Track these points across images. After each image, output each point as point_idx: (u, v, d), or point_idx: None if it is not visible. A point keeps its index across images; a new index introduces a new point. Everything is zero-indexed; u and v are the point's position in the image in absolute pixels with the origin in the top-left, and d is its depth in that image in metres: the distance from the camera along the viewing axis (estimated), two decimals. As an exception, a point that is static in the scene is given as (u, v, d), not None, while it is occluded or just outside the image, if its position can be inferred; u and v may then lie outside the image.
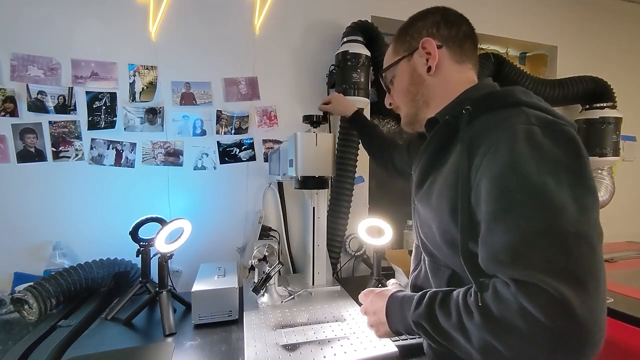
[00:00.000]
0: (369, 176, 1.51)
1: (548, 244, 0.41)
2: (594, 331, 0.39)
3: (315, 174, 0.85)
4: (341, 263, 1.41)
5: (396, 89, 0.70)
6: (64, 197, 1.17)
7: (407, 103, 0.68)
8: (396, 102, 0.72)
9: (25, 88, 1.12)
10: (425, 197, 0.60)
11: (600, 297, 0.40)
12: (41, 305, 0.90)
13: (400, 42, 0.68)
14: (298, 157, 0.83)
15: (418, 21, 0.66)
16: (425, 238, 0.64)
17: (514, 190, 0.44)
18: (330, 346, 0.76)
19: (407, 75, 0.66)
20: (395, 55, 0.68)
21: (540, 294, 0.39)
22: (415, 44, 0.64)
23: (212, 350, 0.80)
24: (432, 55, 0.62)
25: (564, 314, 0.38)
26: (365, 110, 1.32)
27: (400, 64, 0.67)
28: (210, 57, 1.30)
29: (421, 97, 0.65)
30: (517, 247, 0.42)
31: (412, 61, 0.65)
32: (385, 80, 0.72)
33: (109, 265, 1.11)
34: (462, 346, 0.47)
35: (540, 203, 0.42)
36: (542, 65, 1.85)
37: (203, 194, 1.30)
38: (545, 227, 0.41)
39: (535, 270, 0.40)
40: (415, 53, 0.64)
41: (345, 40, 1.29)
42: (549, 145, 0.45)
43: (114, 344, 0.83)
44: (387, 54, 0.72)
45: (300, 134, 0.83)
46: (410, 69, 0.65)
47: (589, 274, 0.40)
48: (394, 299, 0.61)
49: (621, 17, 1.93)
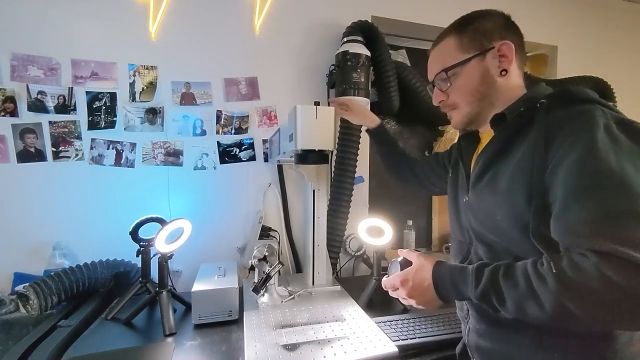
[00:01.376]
0: (369, 176, 1.51)
1: (627, 220, 0.44)
2: None
3: (315, 147, 0.83)
4: (341, 263, 1.41)
5: (460, 88, 0.67)
6: (64, 197, 1.17)
7: (472, 103, 0.67)
8: (456, 100, 0.68)
9: (25, 88, 1.12)
10: (488, 186, 0.62)
11: None
12: (42, 302, 0.90)
13: (468, 39, 0.65)
14: (298, 130, 0.81)
15: (486, 21, 0.65)
16: (483, 227, 0.64)
17: (594, 172, 0.47)
18: (330, 346, 0.76)
19: (477, 75, 0.64)
20: (463, 52, 0.65)
21: (621, 263, 0.43)
22: (488, 45, 0.63)
23: (212, 350, 0.80)
24: (509, 58, 0.63)
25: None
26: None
27: (470, 63, 0.65)
28: (210, 57, 1.30)
29: (489, 98, 0.65)
30: (597, 221, 0.45)
31: (484, 61, 0.64)
32: (441, 77, 0.68)
33: (111, 266, 1.11)
34: (531, 313, 0.49)
35: (619, 185, 0.45)
36: (542, 65, 1.85)
37: (203, 194, 1.30)
38: (625, 206, 0.44)
39: (616, 243, 0.43)
40: (488, 53, 0.63)
41: (345, 40, 1.29)
42: (625, 139, 0.49)
43: (114, 344, 0.83)
44: (445, 49, 0.68)
45: (300, 106, 0.82)
46: (482, 69, 0.64)
47: None
48: (441, 275, 0.61)
49: (621, 17, 1.93)
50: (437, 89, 0.71)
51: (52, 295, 0.93)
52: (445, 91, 0.69)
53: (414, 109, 1.48)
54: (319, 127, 0.83)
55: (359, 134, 1.31)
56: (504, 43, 0.63)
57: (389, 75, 1.32)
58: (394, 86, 1.35)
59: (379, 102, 1.42)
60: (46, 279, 0.95)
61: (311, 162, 0.86)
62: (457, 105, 0.69)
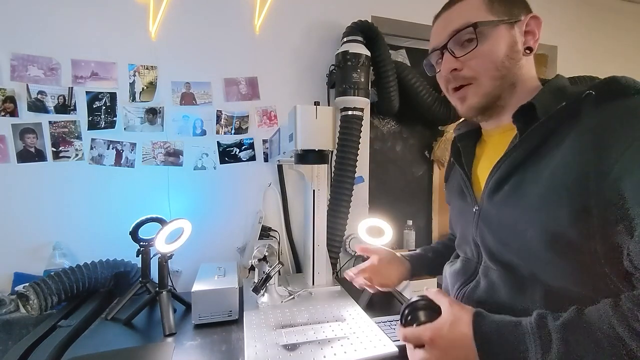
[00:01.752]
0: (369, 176, 1.51)
1: None
2: None
3: (315, 147, 0.83)
4: (341, 263, 1.41)
5: (485, 55, 0.54)
6: (64, 197, 1.17)
7: (495, 79, 0.55)
8: (475, 72, 0.55)
9: (25, 88, 1.12)
10: (512, 197, 0.52)
11: None
12: (41, 302, 0.90)
13: (499, 2, 0.55)
14: (298, 130, 0.81)
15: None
16: (503, 246, 0.54)
17: None
18: (330, 346, 0.76)
19: (506, 44, 0.53)
20: (492, 14, 0.54)
21: None
22: (518, 15, 0.54)
23: (212, 350, 0.80)
24: (536, 37, 0.55)
25: None
26: (365, 110, 1.33)
27: (499, 27, 0.53)
28: (210, 57, 1.30)
29: (512, 78, 0.55)
30: None
31: (512, 31, 0.54)
32: (463, 36, 0.55)
33: (111, 265, 1.11)
34: None
35: None
36: (542, 65, 1.85)
37: (203, 194, 1.30)
38: None
39: None
40: (516, 24, 0.54)
41: (345, 40, 1.29)
42: None
43: (114, 344, 0.83)
44: (469, 6, 0.56)
45: (300, 106, 0.82)
46: (511, 39, 0.54)
47: None
48: (487, 335, 0.45)
49: (621, 17, 1.93)
50: (448, 55, 0.57)
51: (52, 295, 0.93)
52: (459, 58, 0.56)
53: (414, 109, 1.48)
54: (319, 127, 0.83)
55: (359, 134, 1.31)
56: (534, 16, 0.54)
57: (389, 75, 1.33)
58: (393, 86, 1.35)
59: (379, 102, 1.42)
60: (46, 279, 0.95)
61: (311, 162, 0.86)
62: (477, 79, 0.56)
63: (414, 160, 1.70)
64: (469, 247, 0.63)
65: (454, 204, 0.72)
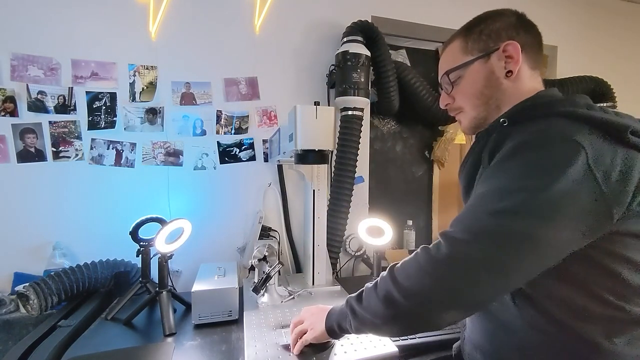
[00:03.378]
0: (369, 176, 1.51)
1: (475, 213, 0.52)
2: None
3: (315, 147, 0.83)
4: (341, 263, 1.41)
5: (464, 91, 0.65)
6: (64, 197, 1.17)
7: (478, 106, 0.64)
8: (461, 104, 0.67)
9: (25, 88, 1.12)
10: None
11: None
12: (42, 302, 0.90)
13: (472, 41, 0.63)
14: (298, 130, 0.81)
15: (494, 22, 0.63)
16: None
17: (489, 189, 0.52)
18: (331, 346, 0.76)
19: (481, 77, 0.63)
20: (466, 54, 0.64)
21: (448, 239, 0.53)
22: (494, 45, 0.61)
23: (212, 350, 0.80)
24: (515, 59, 0.60)
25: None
26: (365, 110, 1.33)
27: (473, 65, 0.63)
28: (210, 57, 1.30)
29: (495, 101, 0.63)
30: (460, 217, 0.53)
31: (489, 63, 0.62)
32: (445, 79, 0.67)
33: (111, 265, 1.11)
34: (372, 307, 0.56)
35: (491, 193, 0.52)
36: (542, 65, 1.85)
37: (203, 194, 1.30)
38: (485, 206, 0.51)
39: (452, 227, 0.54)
40: (493, 55, 0.61)
41: (345, 40, 1.29)
42: (542, 152, 0.48)
43: (114, 344, 0.83)
44: (451, 51, 0.67)
45: (300, 106, 0.82)
46: (486, 71, 0.62)
47: None
48: (329, 319, 0.70)
49: (621, 17, 1.93)
50: (443, 92, 0.70)
51: (52, 295, 0.93)
52: (450, 94, 0.68)
53: (413, 109, 1.48)
54: (319, 127, 0.83)
55: (359, 134, 1.31)
56: (508, 43, 0.60)
57: (389, 75, 1.33)
58: (393, 86, 1.35)
59: (379, 102, 1.42)
60: (46, 279, 0.95)
61: (311, 162, 0.86)
62: (463, 109, 0.67)
63: (414, 160, 1.70)
64: None
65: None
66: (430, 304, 0.49)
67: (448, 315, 0.49)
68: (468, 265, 0.46)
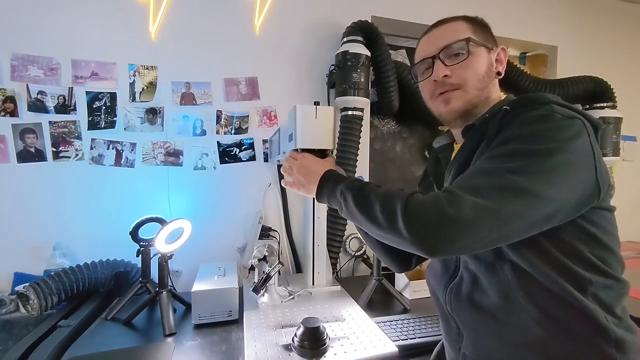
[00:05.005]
0: (369, 176, 1.51)
1: (480, 176, 0.52)
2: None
3: (315, 147, 0.83)
4: (341, 263, 1.41)
5: (472, 67, 0.63)
6: (64, 197, 1.17)
7: (477, 89, 0.64)
8: (461, 80, 0.63)
9: (25, 88, 1.12)
10: None
11: None
12: (42, 302, 0.90)
13: (480, 30, 0.65)
14: (298, 130, 0.81)
15: (488, 28, 0.68)
16: None
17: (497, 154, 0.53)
18: (330, 346, 0.76)
19: (486, 63, 0.64)
20: (476, 36, 0.64)
21: (453, 197, 0.51)
22: (492, 45, 0.66)
23: (212, 350, 0.81)
24: (503, 65, 0.66)
25: None
26: (365, 110, 1.33)
27: (481, 48, 0.64)
28: (210, 57, 1.30)
29: (487, 92, 0.65)
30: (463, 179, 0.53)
31: (490, 55, 0.65)
32: (449, 51, 0.63)
33: (111, 265, 1.11)
34: (371, 212, 0.55)
35: (501, 159, 0.52)
36: (542, 65, 1.85)
37: (203, 194, 1.30)
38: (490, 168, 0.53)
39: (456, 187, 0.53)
40: (492, 51, 0.65)
41: (345, 40, 1.29)
42: (547, 129, 0.51)
43: (114, 344, 0.83)
44: (458, 27, 0.65)
45: (300, 106, 0.82)
46: (489, 61, 0.65)
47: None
48: (332, 172, 0.70)
49: (621, 17, 1.93)
50: (439, 62, 0.64)
51: (52, 295, 0.93)
52: (451, 66, 0.63)
53: (413, 109, 1.48)
54: (319, 126, 0.83)
55: (359, 134, 1.31)
56: (504, 48, 0.66)
57: (389, 75, 1.33)
58: (393, 86, 1.35)
59: (379, 102, 1.42)
60: (46, 279, 0.95)
61: None
62: (463, 85, 0.63)
63: (414, 160, 1.70)
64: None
65: None
66: (431, 238, 0.48)
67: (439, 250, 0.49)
68: (482, 216, 0.47)
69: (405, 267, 0.81)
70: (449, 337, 0.67)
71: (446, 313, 0.66)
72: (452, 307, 0.63)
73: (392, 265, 0.82)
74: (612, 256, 0.54)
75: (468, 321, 0.61)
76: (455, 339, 0.65)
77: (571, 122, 0.51)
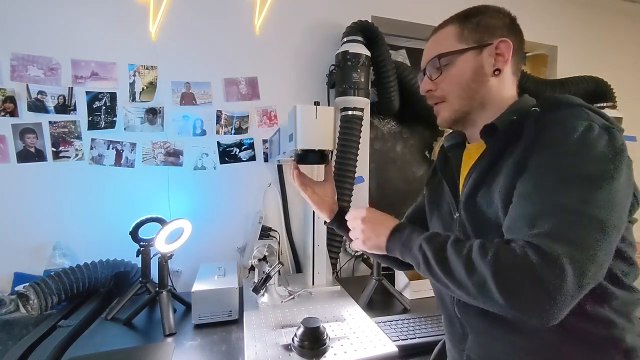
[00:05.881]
0: (369, 176, 1.51)
1: (560, 214, 0.46)
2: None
3: (315, 147, 0.83)
4: (341, 263, 1.41)
5: (451, 79, 0.62)
6: (64, 197, 1.17)
7: (462, 99, 0.62)
8: (445, 93, 0.64)
9: (25, 88, 1.12)
10: (486, 199, 0.58)
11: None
12: (42, 302, 0.90)
13: (469, 30, 0.61)
14: (298, 130, 0.81)
15: (491, 17, 0.62)
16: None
17: (552, 171, 0.48)
18: (330, 346, 0.76)
19: (471, 69, 0.61)
20: (461, 42, 0.61)
21: (540, 251, 0.44)
22: (488, 40, 0.60)
23: (212, 350, 0.81)
24: (505, 58, 0.60)
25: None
26: (365, 110, 1.33)
27: (466, 54, 0.61)
28: (210, 57, 1.30)
29: (480, 98, 0.62)
30: (536, 215, 0.46)
31: (480, 57, 0.61)
32: (434, 64, 0.63)
33: (111, 265, 1.11)
34: (455, 276, 0.49)
35: (568, 184, 0.47)
36: (542, 65, 1.85)
37: (203, 194, 1.30)
38: (564, 201, 0.46)
39: (541, 236, 0.45)
40: (485, 49, 0.60)
41: (345, 40, 1.29)
42: (600, 143, 0.48)
43: (114, 344, 0.83)
44: (444, 36, 0.64)
45: (300, 106, 0.82)
46: (477, 64, 0.61)
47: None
48: (404, 224, 0.65)
49: (621, 17, 1.93)
50: (426, 77, 0.66)
51: (52, 295, 0.93)
52: (434, 80, 0.64)
53: (413, 109, 1.48)
54: (319, 127, 0.83)
55: (359, 134, 1.31)
56: (502, 40, 0.59)
57: (389, 75, 1.33)
58: (394, 86, 1.35)
59: (379, 102, 1.42)
60: (46, 279, 0.95)
61: (311, 162, 0.86)
62: (446, 98, 0.64)
63: (414, 160, 1.70)
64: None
65: (436, 210, 0.75)
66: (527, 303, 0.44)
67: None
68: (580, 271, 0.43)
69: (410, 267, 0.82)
70: (452, 337, 0.66)
71: (452, 315, 0.64)
72: (461, 309, 0.62)
73: (400, 267, 0.84)
74: (634, 269, 0.53)
75: (476, 324, 0.60)
76: (460, 340, 0.64)
77: (612, 133, 0.49)
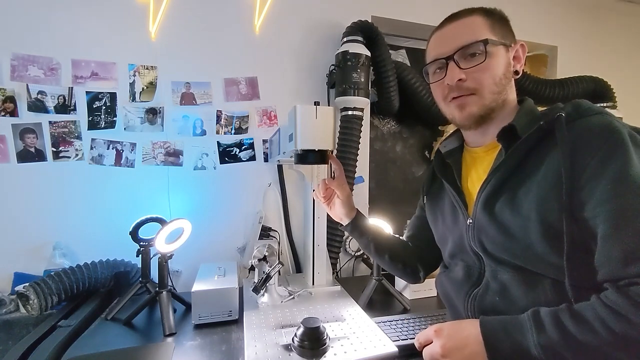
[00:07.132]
0: (369, 176, 1.51)
1: None
2: None
3: (315, 147, 0.83)
4: (341, 263, 1.41)
5: (489, 69, 0.58)
6: (64, 197, 1.17)
7: (494, 94, 0.59)
8: (478, 83, 0.59)
9: (25, 88, 1.12)
10: (509, 207, 0.56)
11: None
12: (42, 302, 0.90)
13: (499, 27, 0.60)
14: (298, 130, 0.81)
15: (506, 21, 0.62)
16: (506, 252, 0.58)
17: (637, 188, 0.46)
18: (330, 346, 0.76)
19: (503, 64, 0.59)
20: (494, 34, 0.59)
21: None
22: (511, 41, 0.61)
23: (212, 350, 0.80)
24: (521, 63, 0.61)
25: None
26: (365, 110, 1.33)
27: (499, 47, 0.59)
28: (210, 57, 1.30)
29: (504, 95, 0.60)
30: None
31: (508, 54, 0.60)
32: (469, 50, 0.58)
33: (111, 265, 1.11)
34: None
35: None
36: (542, 65, 1.85)
37: (203, 194, 1.30)
38: None
39: None
40: (510, 48, 0.60)
41: (345, 40, 1.29)
42: None
43: (114, 344, 0.83)
44: (474, 24, 0.60)
45: (300, 106, 0.82)
46: (507, 60, 0.60)
47: None
48: (491, 324, 0.53)
49: (621, 17, 1.93)
50: (454, 65, 0.59)
51: (52, 295, 0.93)
52: (466, 69, 0.59)
53: (413, 109, 1.48)
54: (319, 127, 0.83)
55: (359, 134, 1.31)
56: (522, 44, 0.60)
57: (389, 75, 1.33)
58: (393, 86, 1.35)
59: (379, 102, 1.42)
60: (46, 279, 0.95)
61: (311, 162, 0.86)
62: (478, 91, 0.59)
63: (414, 160, 1.70)
64: (467, 255, 0.66)
65: (442, 218, 0.74)
66: None
67: None
68: None
69: (415, 281, 0.86)
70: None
71: (463, 319, 0.63)
72: (475, 315, 0.61)
73: (403, 278, 0.87)
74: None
75: None
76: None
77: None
